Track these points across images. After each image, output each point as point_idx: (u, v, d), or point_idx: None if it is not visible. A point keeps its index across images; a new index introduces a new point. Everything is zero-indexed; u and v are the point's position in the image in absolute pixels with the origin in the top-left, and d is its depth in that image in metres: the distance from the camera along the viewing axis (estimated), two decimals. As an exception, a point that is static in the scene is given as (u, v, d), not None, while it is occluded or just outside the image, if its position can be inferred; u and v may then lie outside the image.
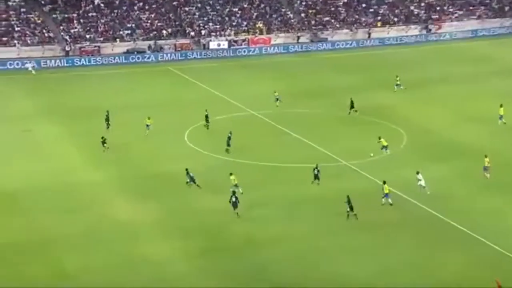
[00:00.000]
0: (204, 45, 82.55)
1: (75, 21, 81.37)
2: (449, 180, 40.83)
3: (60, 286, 28.79)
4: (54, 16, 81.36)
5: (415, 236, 33.77)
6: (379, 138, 44.89)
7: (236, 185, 37.61)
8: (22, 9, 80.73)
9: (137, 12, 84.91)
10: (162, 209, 36.58)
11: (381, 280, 29.70)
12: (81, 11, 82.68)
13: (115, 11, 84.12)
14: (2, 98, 60.01)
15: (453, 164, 43.20)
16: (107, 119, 49.93)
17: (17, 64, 72.08)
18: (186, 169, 39.18)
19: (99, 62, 75.61)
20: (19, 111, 55.92)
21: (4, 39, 76.34)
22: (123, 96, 61.28)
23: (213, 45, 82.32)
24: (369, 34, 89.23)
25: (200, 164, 42.90)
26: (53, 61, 74.43)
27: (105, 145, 45.11)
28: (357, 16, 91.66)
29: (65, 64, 74.52)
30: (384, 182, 37.04)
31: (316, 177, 39.57)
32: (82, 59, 75.51)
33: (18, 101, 59.21)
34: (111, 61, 76.11)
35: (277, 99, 56.95)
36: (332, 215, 35.71)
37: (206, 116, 51.37)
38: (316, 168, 39.78)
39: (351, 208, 34.80)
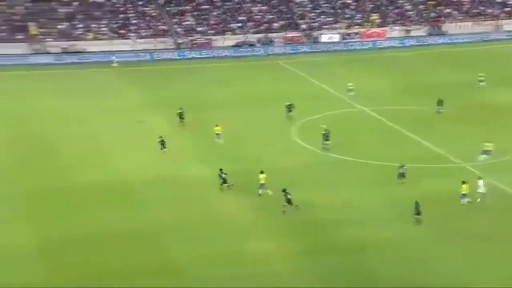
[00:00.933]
0: (314, 38, 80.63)
1: (188, 14, 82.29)
2: None
3: (166, 277, 28.91)
4: (168, 9, 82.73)
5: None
6: (485, 142, 41.55)
7: (262, 184, 36.46)
8: (139, 2, 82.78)
9: (249, 4, 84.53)
10: (269, 206, 35.68)
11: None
12: (194, 4, 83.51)
13: (227, 3, 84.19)
14: (116, 89, 61.58)
15: None
16: (181, 115, 49.13)
17: (131, 56, 73.82)
18: (220, 169, 37.89)
19: (210, 54, 76.05)
20: (132, 102, 56.87)
21: (122, 31, 78.56)
22: (231, 89, 60.92)
23: (324, 38, 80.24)
24: (496, 26, 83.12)
25: (307, 161, 41.97)
26: (165, 53, 75.80)
27: (163, 146, 43.02)
28: (482, 8, 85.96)
29: (177, 57, 75.51)
30: (463, 182, 34.94)
31: (402, 175, 37.83)
32: (193, 52, 76.29)
33: (131, 92, 60.47)
34: (221, 54, 76.45)
35: (350, 90, 55.52)
36: (444, 218, 33.56)
37: (288, 107, 50.11)
38: (402, 167, 37.99)
39: (418, 213, 32.99)
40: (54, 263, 29.93)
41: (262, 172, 36.84)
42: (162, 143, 43.07)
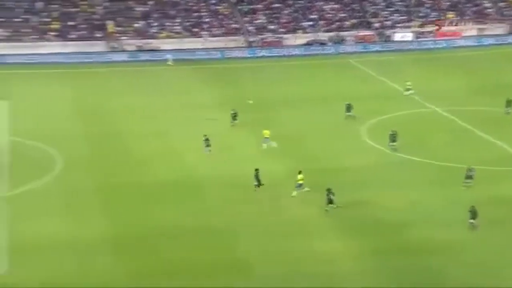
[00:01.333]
0: (387, 37, 79.35)
1: (259, 13, 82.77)
2: None
3: (234, 274, 29.26)
4: (240, 7, 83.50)
5: None
6: None
7: (300, 185, 36.11)
8: (212, 1, 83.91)
9: (321, 3, 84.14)
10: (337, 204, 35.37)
11: None
12: (266, 2, 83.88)
13: (299, 2, 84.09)
14: (187, 86, 62.52)
15: None
16: (234, 117, 48.80)
17: (203, 54, 75.03)
18: (256, 169, 37.31)
19: (280, 53, 76.02)
20: (202, 99, 57.36)
21: (194, 30, 79.90)
22: (301, 88, 60.59)
23: (397, 37, 78.85)
24: None
25: (375, 161, 41.62)
26: (236, 51, 76.43)
27: (208, 147, 42.74)
28: None
29: (247, 55, 75.86)
30: None
31: (470, 178, 37.04)
32: (263, 51, 76.52)
33: (201, 89, 61.15)
34: (291, 52, 76.22)
35: (408, 89, 55.46)
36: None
37: (347, 107, 49.76)
38: (470, 169, 37.15)
39: (473, 217, 32.17)
40: (125, 258, 30.53)
41: (300, 173, 36.62)
42: (207, 142, 43.07)
